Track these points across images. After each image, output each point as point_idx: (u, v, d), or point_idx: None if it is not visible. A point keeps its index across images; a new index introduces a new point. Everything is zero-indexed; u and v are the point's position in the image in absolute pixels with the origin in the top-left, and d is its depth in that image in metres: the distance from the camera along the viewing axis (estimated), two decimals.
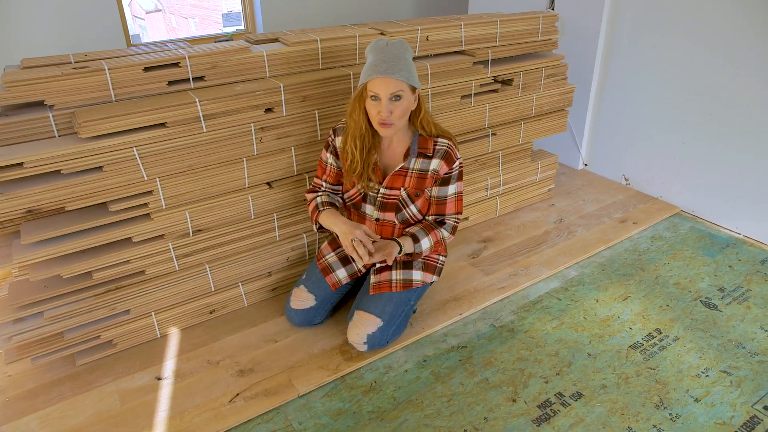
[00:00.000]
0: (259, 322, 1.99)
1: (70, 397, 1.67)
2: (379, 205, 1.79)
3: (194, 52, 1.79)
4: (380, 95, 1.58)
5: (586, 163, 3.24)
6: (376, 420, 1.61)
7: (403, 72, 1.57)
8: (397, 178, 1.76)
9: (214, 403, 1.65)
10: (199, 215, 1.84)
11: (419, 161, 1.74)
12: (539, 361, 1.82)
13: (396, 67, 1.56)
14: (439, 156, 1.74)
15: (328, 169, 1.85)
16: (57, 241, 1.63)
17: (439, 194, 1.79)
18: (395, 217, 1.80)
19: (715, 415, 1.61)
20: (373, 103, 1.61)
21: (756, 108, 2.35)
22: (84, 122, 1.55)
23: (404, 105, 1.62)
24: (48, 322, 1.69)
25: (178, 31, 12.36)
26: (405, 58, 1.60)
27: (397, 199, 1.77)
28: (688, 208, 2.76)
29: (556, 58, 2.54)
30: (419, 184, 1.76)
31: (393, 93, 1.58)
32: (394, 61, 1.57)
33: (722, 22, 2.37)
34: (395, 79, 1.56)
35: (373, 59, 1.59)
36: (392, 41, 1.63)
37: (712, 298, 2.12)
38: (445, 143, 1.75)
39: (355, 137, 1.69)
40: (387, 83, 1.56)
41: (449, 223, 1.83)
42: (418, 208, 1.80)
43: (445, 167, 1.75)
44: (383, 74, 1.55)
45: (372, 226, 1.84)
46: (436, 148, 1.74)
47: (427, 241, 1.78)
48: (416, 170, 1.75)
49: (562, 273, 2.29)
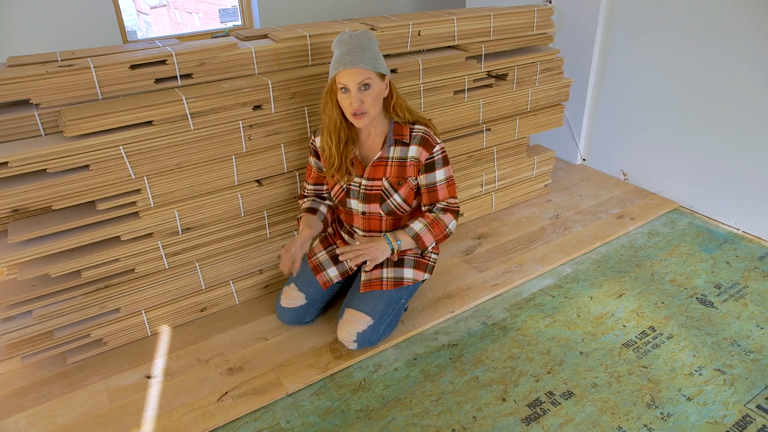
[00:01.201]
0: (249, 320, 1.98)
1: (59, 396, 1.68)
2: (362, 198, 1.78)
3: (182, 50, 1.78)
4: (349, 86, 1.59)
5: (584, 158, 3.21)
6: (364, 419, 1.60)
7: (369, 60, 1.59)
8: (377, 168, 1.75)
9: (203, 402, 1.65)
10: (189, 213, 1.84)
11: (398, 149, 1.74)
12: (530, 359, 1.80)
13: (360, 57, 1.57)
14: (416, 142, 1.73)
15: (312, 171, 1.87)
16: (44, 240, 1.63)
17: (427, 182, 1.77)
18: (380, 208, 1.78)
19: (707, 415, 1.59)
20: (344, 95, 1.62)
21: (755, 103, 2.31)
22: (70, 121, 1.54)
23: (374, 93, 1.62)
24: (37, 321, 1.69)
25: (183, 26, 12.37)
26: (370, 47, 1.61)
27: (380, 189, 1.76)
28: (686, 204, 2.73)
29: (551, 53, 2.51)
30: (400, 172, 1.75)
31: (361, 82, 1.58)
32: (358, 51, 1.58)
33: (720, 17, 2.33)
34: (361, 69, 1.58)
35: (338, 53, 1.61)
36: (355, 33, 1.64)
37: (708, 295, 2.09)
38: (421, 129, 1.74)
39: (330, 132, 1.71)
40: (354, 73, 1.58)
41: (443, 206, 1.78)
42: (402, 198, 1.78)
43: (425, 153, 1.73)
44: (349, 65, 1.57)
45: (360, 220, 1.83)
46: (412, 135, 1.74)
47: (417, 223, 1.76)
48: (396, 158, 1.75)
49: (556, 270, 2.27)
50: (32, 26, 3.16)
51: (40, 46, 3.17)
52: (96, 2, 3.27)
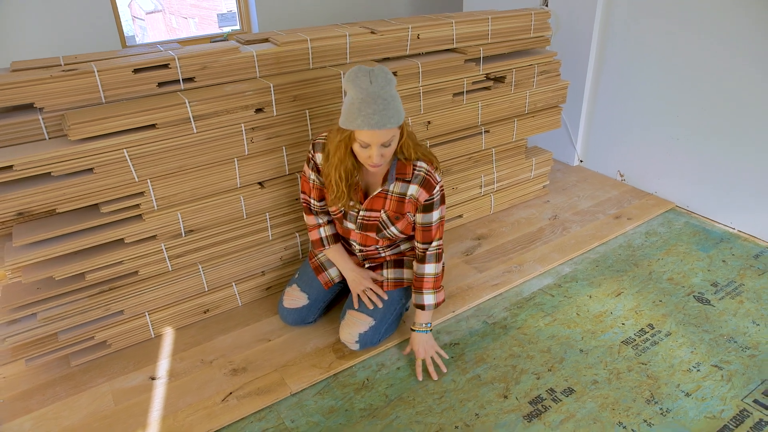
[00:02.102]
0: (252, 321, 1.99)
1: (64, 398, 1.69)
2: (359, 226, 1.77)
3: (184, 54, 1.79)
4: (371, 144, 1.49)
5: (581, 159, 3.25)
6: (368, 417, 1.62)
7: (394, 117, 1.46)
8: (377, 201, 1.71)
9: (207, 402, 1.66)
10: (191, 216, 1.85)
11: (398, 185, 1.68)
12: (531, 357, 1.82)
13: (386, 115, 1.44)
14: (417, 182, 1.66)
15: (311, 186, 1.79)
16: (49, 242, 1.64)
17: (423, 221, 1.73)
18: (376, 236, 1.79)
19: (706, 409, 1.61)
20: (363, 148, 1.52)
21: (750, 103, 2.35)
22: (74, 124, 1.56)
23: (394, 145, 1.55)
24: (41, 324, 1.70)
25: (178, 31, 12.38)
26: (393, 97, 1.46)
27: (377, 220, 1.74)
28: (683, 204, 2.76)
29: (548, 55, 2.54)
30: (399, 207, 1.71)
31: (385, 141, 1.49)
32: (384, 108, 1.44)
33: (716, 18, 2.37)
34: (387, 129, 1.47)
35: (359, 102, 1.44)
36: (374, 75, 1.45)
37: (705, 293, 2.12)
38: (424, 168, 1.66)
39: (339, 170, 1.60)
40: (379, 134, 1.46)
41: (436, 253, 1.76)
42: (400, 230, 1.76)
43: (425, 194, 1.67)
44: (375, 127, 1.44)
45: (356, 236, 1.82)
46: (414, 173, 1.66)
47: (430, 296, 1.78)
48: (396, 193, 1.70)
49: (555, 269, 2.29)
50: (32, 32, 3.17)
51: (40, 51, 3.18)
52: (95, 8, 3.28)
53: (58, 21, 3.21)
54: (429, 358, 1.77)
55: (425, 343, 1.79)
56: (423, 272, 1.77)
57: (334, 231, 1.89)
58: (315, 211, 1.85)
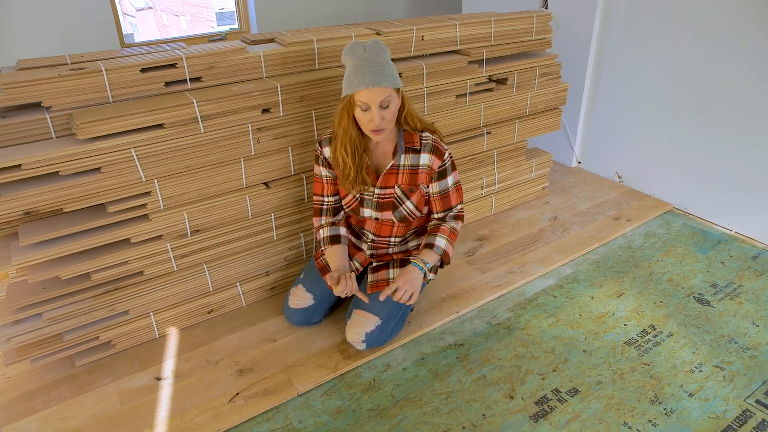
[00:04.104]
0: (257, 321, 1.99)
1: (69, 398, 1.68)
2: (375, 206, 1.80)
3: (191, 53, 1.79)
4: (370, 105, 1.58)
5: (579, 160, 3.27)
6: (376, 418, 1.63)
7: (389, 78, 1.58)
8: (390, 177, 1.77)
9: (214, 403, 1.66)
10: (197, 216, 1.85)
11: (409, 157, 1.76)
12: (536, 358, 1.84)
13: (380, 75, 1.56)
14: (427, 150, 1.75)
15: (324, 183, 1.83)
16: (55, 242, 1.63)
17: (440, 189, 1.80)
18: (392, 215, 1.81)
19: (709, 410, 1.64)
20: (363, 112, 1.60)
21: (747, 105, 2.38)
22: (82, 124, 1.55)
23: (393, 108, 1.63)
24: (47, 324, 1.69)
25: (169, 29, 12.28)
26: (387, 62, 1.59)
27: (392, 197, 1.78)
28: (680, 205, 2.79)
29: (550, 57, 2.56)
30: (412, 179, 1.77)
31: (382, 101, 1.58)
32: (378, 69, 1.56)
33: (714, 21, 2.40)
34: (383, 88, 1.57)
35: (354, 67, 1.58)
36: (368, 44, 1.61)
37: (705, 294, 2.15)
38: (430, 137, 1.76)
39: (345, 144, 1.68)
40: (375, 93, 1.56)
41: (456, 214, 1.85)
42: (414, 204, 1.81)
43: (437, 161, 1.76)
44: (370, 85, 1.55)
45: (371, 224, 1.85)
46: (422, 143, 1.75)
47: (441, 239, 1.80)
48: (407, 166, 1.76)
49: (557, 270, 2.31)
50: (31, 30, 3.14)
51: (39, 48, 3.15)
52: (94, 7, 3.26)
53: (57, 18, 3.18)
54: (402, 291, 1.72)
55: (413, 278, 1.75)
56: (442, 224, 1.83)
57: (334, 233, 1.88)
58: (325, 212, 1.86)
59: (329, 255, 1.85)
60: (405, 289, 1.74)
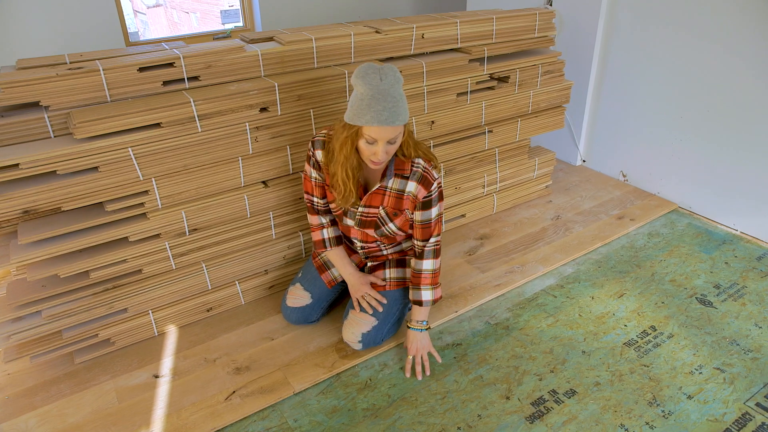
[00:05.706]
0: (255, 320, 2.00)
1: (68, 395, 1.69)
2: (358, 222, 1.77)
3: (189, 52, 1.79)
4: (378, 140, 1.51)
5: (584, 159, 3.24)
6: (371, 417, 1.63)
7: (402, 115, 1.50)
8: (375, 197, 1.72)
9: (211, 401, 1.67)
10: (195, 214, 1.85)
11: (397, 181, 1.69)
12: (534, 358, 1.83)
13: (395, 113, 1.48)
14: (415, 179, 1.67)
15: (313, 184, 1.79)
16: (54, 241, 1.64)
17: (422, 218, 1.74)
18: (374, 233, 1.79)
19: (708, 412, 1.62)
20: (368, 144, 1.54)
21: (754, 105, 2.35)
22: (79, 123, 1.56)
23: (398, 143, 1.58)
24: (46, 321, 1.70)
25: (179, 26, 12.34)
26: (401, 96, 1.50)
27: (375, 216, 1.75)
28: (685, 205, 2.76)
29: (552, 55, 2.54)
30: (397, 204, 1.72)
31: (392, 138, 1.52)
32: (394, 105, 1.47)
33: (720, 20, 2.36)
34: (396, 126, 1.50)
35: (368, 99, 1.46)
36: (384, 73, 1.49)
37: (708, 295, 2.12)
38: (421, 165, 1.67)
39: (346, 168, 1.61)
40: (387, 131, 1.49)
41: (434, 248, 1.77)
42: (398, 227, 1.77)
43: (423, 191, 1.69)
44: (385, 123, 1.47)
45: (356, 233, 1.82)
46: (413, 170, 1.68)
47: (426, 292, 1.77)
48: (394, 190, 1.71)
49: (558, 270, 2.29)
50: (35, 29, 3.17)
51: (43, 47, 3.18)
52: (98, 5, 3.28)
53: (61, 17, 3.21)
54: (419, 357, 1.77)
55: (419, 342, 1.79)
56: (421, 268, 1.78)
57: (337, 233, 1.89)
58: (318, 211, 1.85)
59: (336, 255, 1.86)
60: (420, 354, 1.78)
